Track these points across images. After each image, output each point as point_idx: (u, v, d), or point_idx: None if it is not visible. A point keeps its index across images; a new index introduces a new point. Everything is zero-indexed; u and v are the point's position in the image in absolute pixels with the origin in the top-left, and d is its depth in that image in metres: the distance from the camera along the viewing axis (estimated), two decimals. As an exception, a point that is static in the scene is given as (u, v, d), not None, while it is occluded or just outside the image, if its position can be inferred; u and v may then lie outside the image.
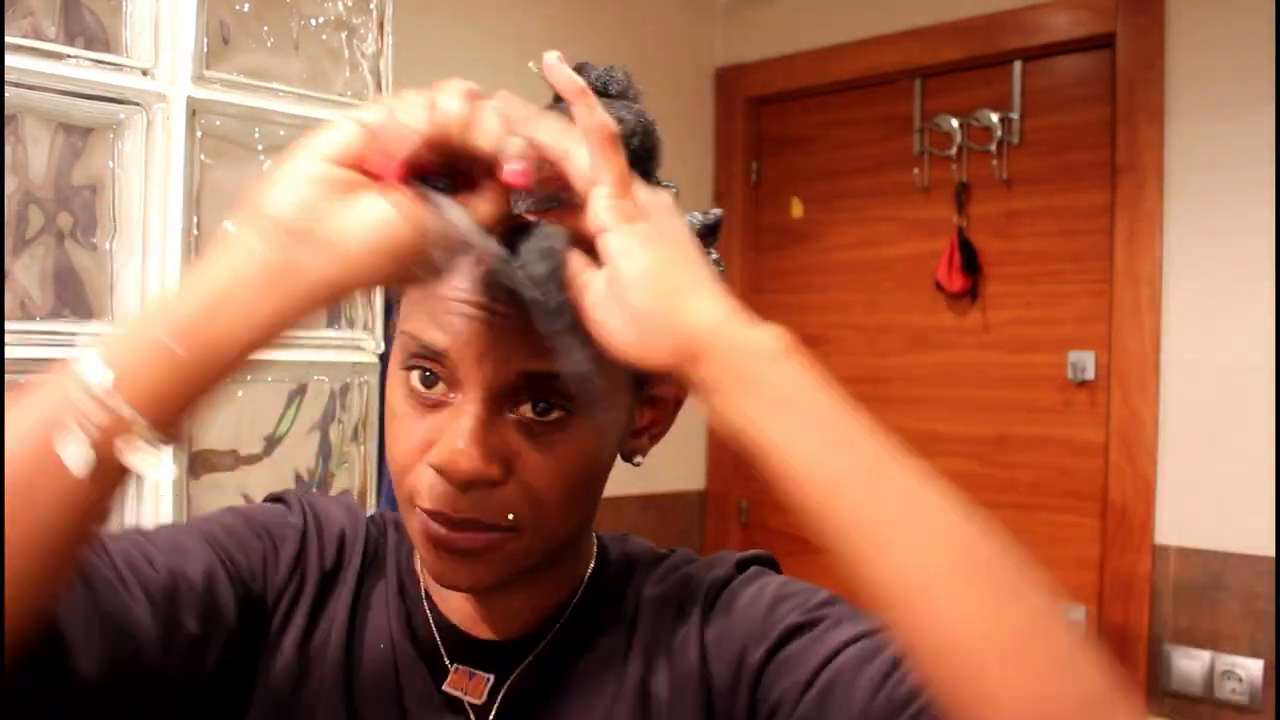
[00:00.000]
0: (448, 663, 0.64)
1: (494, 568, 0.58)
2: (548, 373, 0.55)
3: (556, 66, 0.53)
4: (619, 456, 0.64)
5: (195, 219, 1.22)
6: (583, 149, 0.51)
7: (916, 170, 2.22)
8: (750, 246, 2.46)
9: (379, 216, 0.47)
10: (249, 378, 1.31)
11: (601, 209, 0.50)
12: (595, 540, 0.70)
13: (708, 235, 0.64)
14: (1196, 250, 1.85)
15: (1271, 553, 1.73)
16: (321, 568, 0.67)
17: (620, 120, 0.58)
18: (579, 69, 0.62)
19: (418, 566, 0.69)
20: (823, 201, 2.37)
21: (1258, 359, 1.77)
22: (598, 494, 0.63)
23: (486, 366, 0.55)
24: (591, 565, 0.68)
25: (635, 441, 0.64)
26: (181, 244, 1.20)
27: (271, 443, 1.37)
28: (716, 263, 0.64)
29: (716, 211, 0.65)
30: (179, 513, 1.19)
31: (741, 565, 0.67)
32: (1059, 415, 2.04)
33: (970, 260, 2.13)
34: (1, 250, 1.08)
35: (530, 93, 0.60)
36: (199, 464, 1.23)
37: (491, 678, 0.63)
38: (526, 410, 0.56)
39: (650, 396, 0.63)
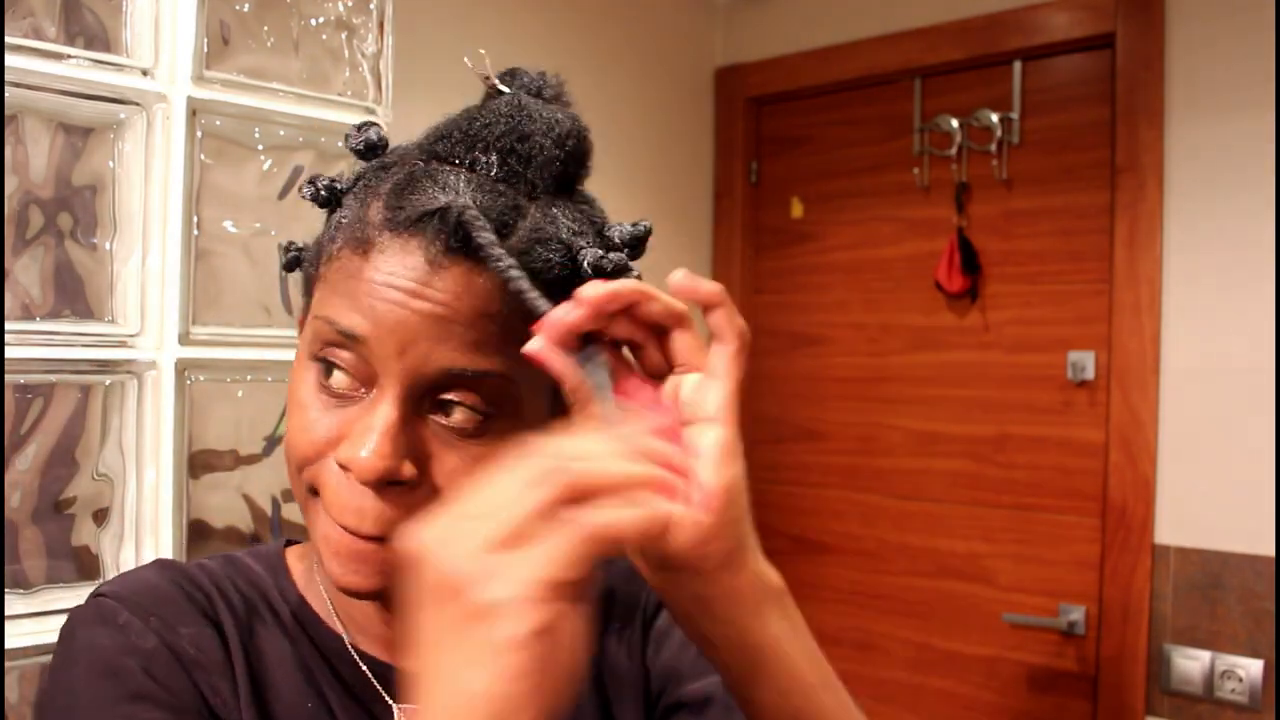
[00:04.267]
0: (389, 701, 0.61)
1: (392, 573, 0.54)
2: (474, 371, 0.52)
3: (687, 281, 0.53)
4: None
5: (195, 219, 1.22)
6: (718, 357, 0.52)
7: (916, 170, 2.22)
8: (750, 246, 2.46)
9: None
10: (249, 377, 1.30)
11: (721, 405, 0.50)
12: None
13: (635, 247, 0.62)
14: (1196, 250, 1.85)
15: (1271, 553, 1.74)
16: (202, 658, 0.58)
17: (557, 121, 0.58)
18: (510, 73, 0.62)
19: (313, 602, 0.63)
20: (823, 201, 2.38)
21: (1258, 359, 1.77)
22: None
23: (408, 359, 0.52)
24: None
25: None
26: (182, 244, 1.20)
27: (271, 443, 1.37)
28: (638, 279, 0.64)
29: (645, 223, 0.64)
30: (179, 513, 1.18)
31: None
32: (1059, 415, 2.04)
33: (970, 260, 2.13)
34: (1, 250, 1.08)
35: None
36: (199, 464, 1.23)
37: None
38: (444, 412, 0.53)
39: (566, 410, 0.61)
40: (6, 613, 1.07)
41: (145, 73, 1.18)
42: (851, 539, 2.30)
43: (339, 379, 0.54)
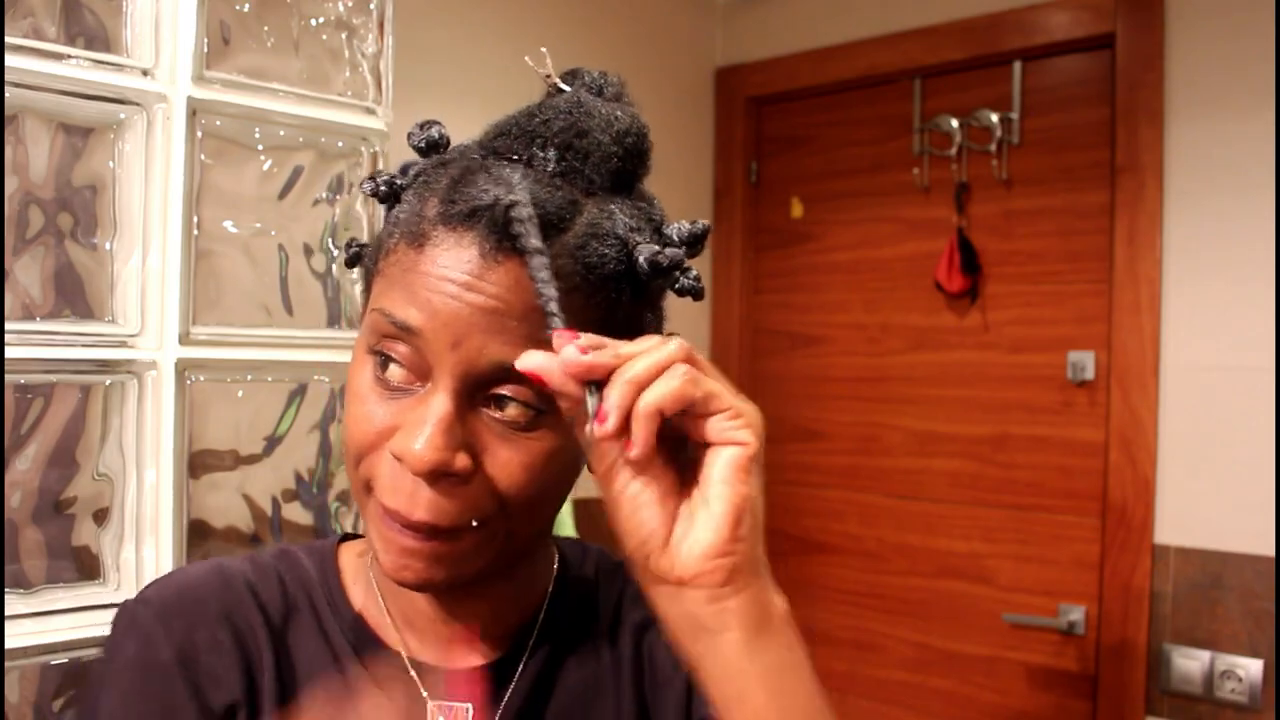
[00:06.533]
0: (425, 695, 0.61)
1: (450, 567, 0.55)
2: None
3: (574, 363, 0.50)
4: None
5: (195, 219, 1.22)
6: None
7: (916, 170, 2.22)
8: (750, 246, 2.46)
9: None
10: (249, 377, 1.30)
11: (748, 434, 0.49)
12: (555, 549, 0.67)
13: (694, 245, 0.62)
14: (1196, 250, 1.85)
15: (1271, 553, 1.74)
16: (225, 662, 0.60)
17: (616, 119, 0.58)
18: (571, 73, 0.62)
19: (358, 599, 0.64)
20: (822, 201, 2.37)
21: (1258, 359, 1.77)
22: (564, 498, 0.60)
23: (461, 352, 0.52)
24: (554, 575, 0.65)
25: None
26: (182, 244, 1.20)
27: (271, 443, 1.37)
28: (697, 278, 0.63)
29: (703, 222, 0.63)
30: (179, 513, 1.18)
31: None
32: (1059, 415, 2.04)
33: (970, 260, 2.13)
34: (1, 250, 1.08)
35: (528, 90, 0.61)
36: (199, 464, 1.23)
37: (470, 707, 0.61)
38: (498, 406, 0.53)
39: None
40: (6, 613, 1.07)
41: (145, 73, 1.18)
42: (851, 539, 2.30)
43: (395, 372, 0.55)
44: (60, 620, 1.11)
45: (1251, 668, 1.77)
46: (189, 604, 0.62)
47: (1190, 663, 1.82)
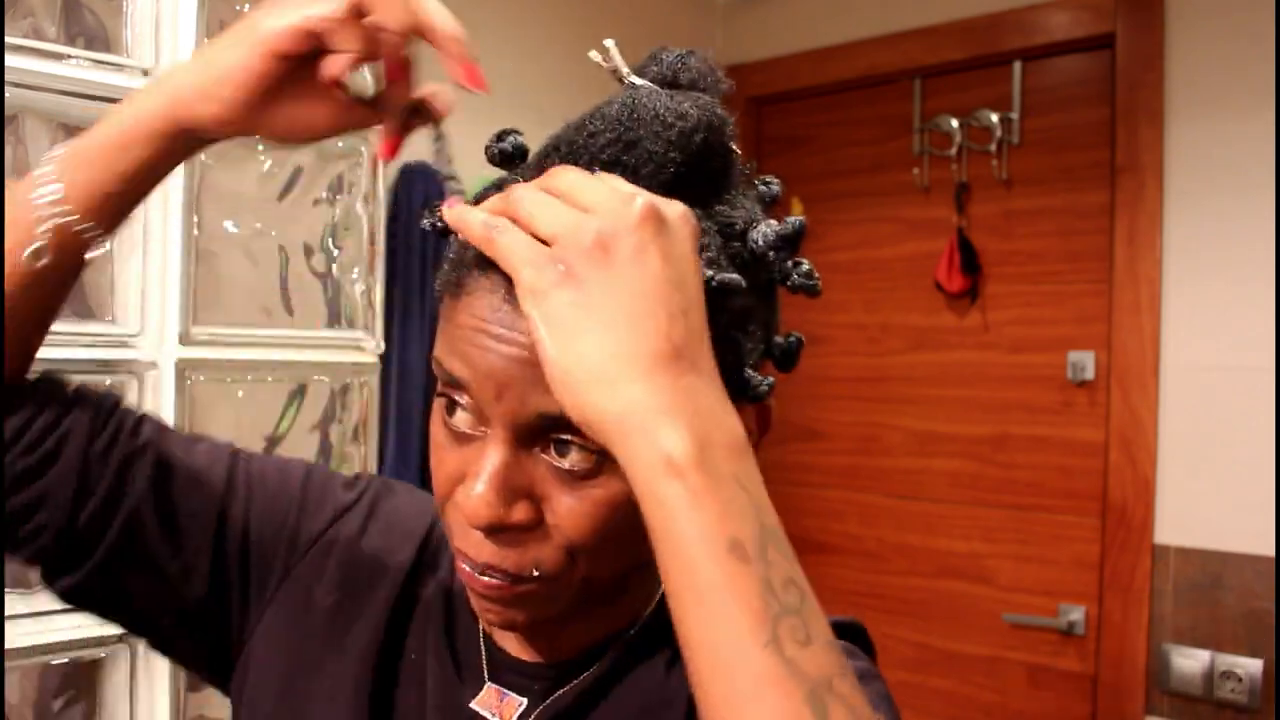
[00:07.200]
0: (486, 676, 0.62)
1: (526, 611, 0.54)
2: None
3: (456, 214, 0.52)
4: None
5: (195, 219, 1.22)
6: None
7: (916, 170, 2.22)
8: (750, 246, 2.46)
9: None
10: (249, 377, 1.30)
11: (519, 259, 0.45)
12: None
13: (783, 248, 0.56)
14: (1196, 250, 1.85)
15: (1271, 553, 1.73)
16: (356, 553, 0.67)
17: (671, 122, 0.52)
18: (652, 57, 0.58)
19: None
20: (823, 201, 2.38)
21: (1258, 359, 1.77)
22: (645, 532, 0.56)
23: (505, 404, 0.50)
24: (655, 602, 0.63)
25: None
26: (182, 244, 1.20)
27: (272, 443, 1.37)
28: (808, 274, 0.59)
29: (795, 220, 0.57)
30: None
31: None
32: (1059, 415, 2.04)
33: (970, 260, 2.13)
34: (1, 250, 1.08)
35: (529, 90, 0.60)
36: (199, 464, 1.23)
37: (524, 702, 0.60)
38: (559, 452, 0.51)
39: None
40: (6, 613, 1.07)
41: (145, 73, 1.18)
42: (851, 539, 2.31)
43: (460, 417, 0.53)
44: (60, 620, 1.11)
45: (1251, 668, 1.77)
46: (397, 519, 0.69)
47: (1190, 663, 1.82)
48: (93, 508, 0.61)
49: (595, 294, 0.44)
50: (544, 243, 0.46)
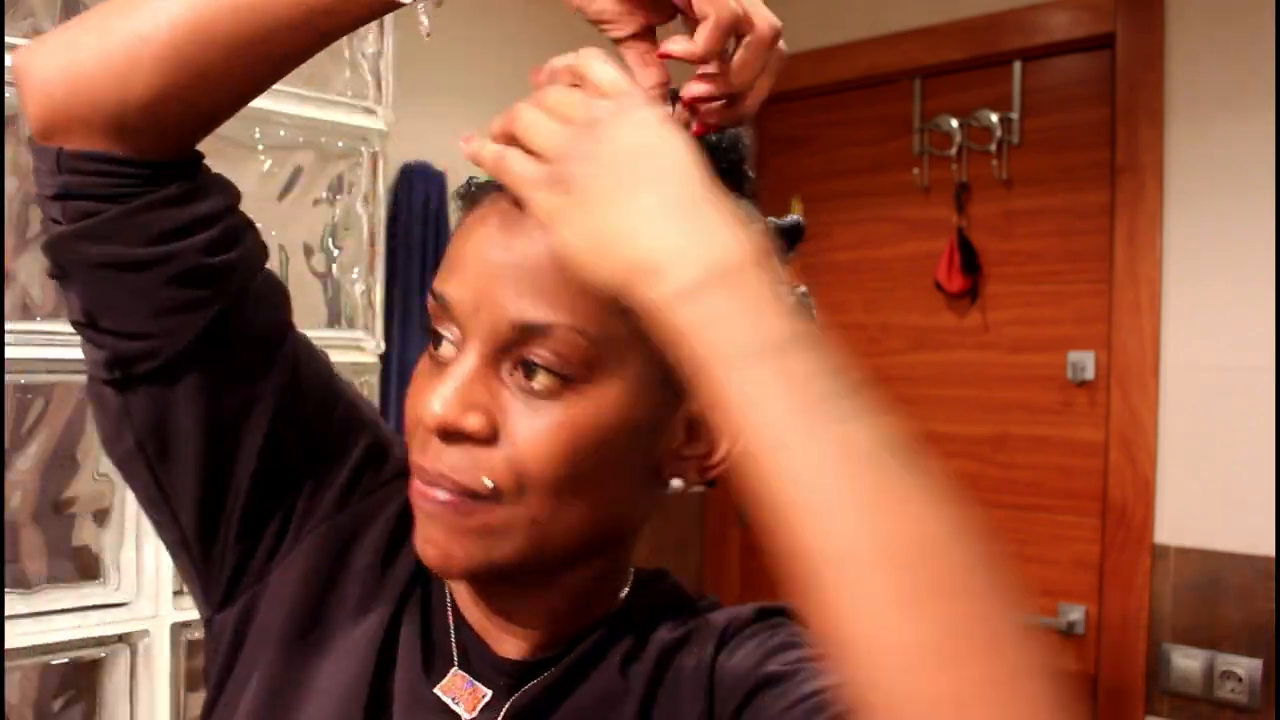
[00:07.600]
0: (455, 662, 0.61)
1: (465, 548, 0.54)
2: (543, 324, 0.51)
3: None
4: (656, 472, 0.57)
5: (195, 219, 1.22)
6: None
7: (916, 170, 2.22)
8: (750, 246, 2.46)
9: None
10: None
11: (516, 167, 0.50)
12: (632, 575, 0.65)
13: (785, 242, 0.56)
14: (1196, 250, 1.85)
15: (1271, 553, 1.74)
16: (397, 524, 0.66)
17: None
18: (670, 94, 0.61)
19: None
20: (823, 201, 2.38)
21: (1258, 359, 1.77)
22: (605, 490, 0.56)
23: (482, 316, 0.52)
24: (622, 599, 0.63)
25: (677, 463, 0.57)
26: (181, 244, 1.20)
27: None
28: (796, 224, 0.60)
29: (793, 218, 0.59)
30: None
31: (762, 613, 0.61)
32: (1059, 415, 2.04)
33: (970, 260, 2.13)
34: (1, 250, 1.08)
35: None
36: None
37: (490, 694, 0.60)
38: (527, 374, 0.52)
39: (693, 420, 0.57)
40: (6, 613, 1.07)
41: (145, 73, 1.18)
42: (851, 539, 2.30)
43: (445, 348, 0.55)
44: (60, 620, 1.11)
45: (1251, 668, 1.77)
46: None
47: (1190, 663, 1.82)
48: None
49: (592, 186, 0.48)
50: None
